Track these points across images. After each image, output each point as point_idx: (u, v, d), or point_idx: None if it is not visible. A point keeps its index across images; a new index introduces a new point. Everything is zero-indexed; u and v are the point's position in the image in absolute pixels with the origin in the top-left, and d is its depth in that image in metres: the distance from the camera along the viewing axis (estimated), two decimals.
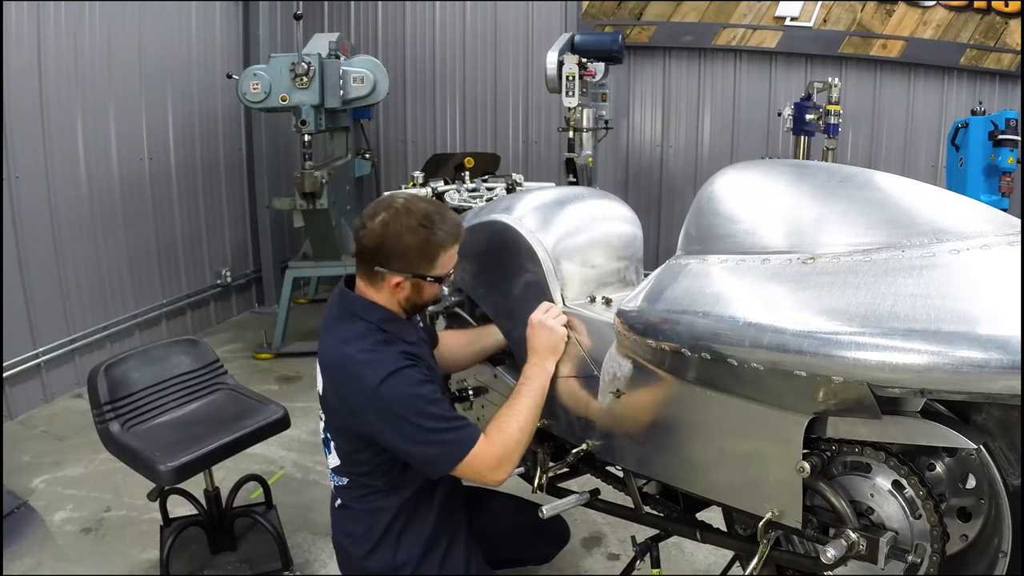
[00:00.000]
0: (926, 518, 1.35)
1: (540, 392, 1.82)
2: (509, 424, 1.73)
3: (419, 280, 1.75)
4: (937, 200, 1.36)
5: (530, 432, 1.77)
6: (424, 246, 1.70)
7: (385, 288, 1.76)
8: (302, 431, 3.51)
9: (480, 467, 1.68)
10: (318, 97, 4.35)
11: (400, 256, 1.70)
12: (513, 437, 1.72)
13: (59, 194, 3.98)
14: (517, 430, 1.73)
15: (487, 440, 1.70)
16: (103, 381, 2.31)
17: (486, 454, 1.68)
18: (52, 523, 2.82)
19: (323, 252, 4.85)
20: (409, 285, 1.75)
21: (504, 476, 1.73)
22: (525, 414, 1.76)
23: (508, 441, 1.71)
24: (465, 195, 3.09)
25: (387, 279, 1.73)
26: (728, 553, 1.96)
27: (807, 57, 5.44)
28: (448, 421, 1.68)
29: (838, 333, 1.21)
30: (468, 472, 1.70)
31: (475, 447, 1.67)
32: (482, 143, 6.13)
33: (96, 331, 4.23)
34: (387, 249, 1.70)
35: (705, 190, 1.64)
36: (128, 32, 4.44)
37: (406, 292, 1.76)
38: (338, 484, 1.88)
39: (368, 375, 1.64)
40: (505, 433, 1.72)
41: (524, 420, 1.75)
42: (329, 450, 1.86)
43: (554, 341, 1.86)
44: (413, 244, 1.69)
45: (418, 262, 1.72)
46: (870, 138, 5.46)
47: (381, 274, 1.73)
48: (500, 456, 1.70)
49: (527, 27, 5.91)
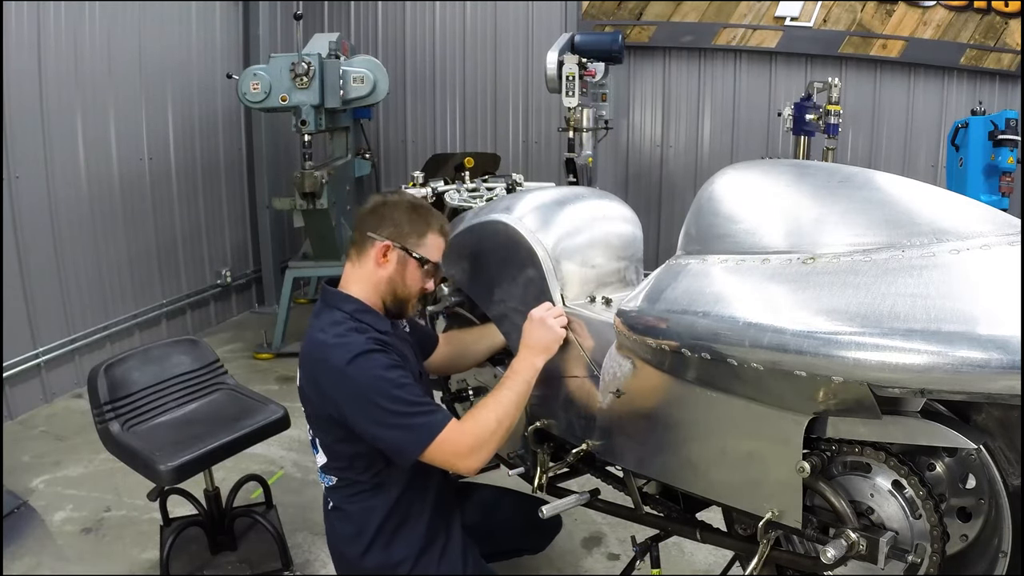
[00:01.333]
0: (926, 518, 1.35)
1: (524, 387, 1.79)
2: (485, 414, 1.70)
3: (405, 254, 1.80)
4: (937, 200, 1.36)
5: (508, 425, 1.73)
6: (416, 221, 1.82)
7: (371, 259, 1.80)
8: (302, 431, 3.46)
9: (448, 453, 1.65)
10: (318, 97, 4.35)
11: (392, 223, 1.80)
12: (487, 427, 1.68)
13: (59, 194, 3.98)
14: (494, 420, 1.69)
15: (459, 427, 1.67)
16: (103, 381, 2.32)
17: (455, 440, 1.65)
18: (52, 523, 2.82)
19: (323, 252, 4.85)
20: (395, 258, 1.80)
21: (475, 464, 1.68)
22: (504, 406, 1.73)
23: (481, 431, 1.67)
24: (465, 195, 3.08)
25: (375, 247, 1.79)
26: (728, 553, 1.96)
27: (807, 57, 5.44)
28: (415, 406, 1.66)
29: (838, 333, 1.21)
30: (437, 458, 1.66)
31: (443, 432, 1.64)
32: (482, 143, 6.13)
33: (96, 331, 4.23)
34: (381, 214, 1.82)
35: (705, 190, 1.64)
36: (128, 32, 4.44)
37: (391, 268, 1.80)
38: (328, 485, 1.89)
39: (336, 356, 1.67)
40: (479, 422, 1.69)
41: (503, 412, 1.71)
42: (316, 448, 1.88)
43: (549, 340, 1.84)
44: (405, 216, 1.82)
45: (408, 232, 1.80)
46: (870, 138, 5.46)
47: (372, 240, 1.80)
48: (470, 444, 1.66)
49: (527, 27, 5.91)
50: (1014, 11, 4.91)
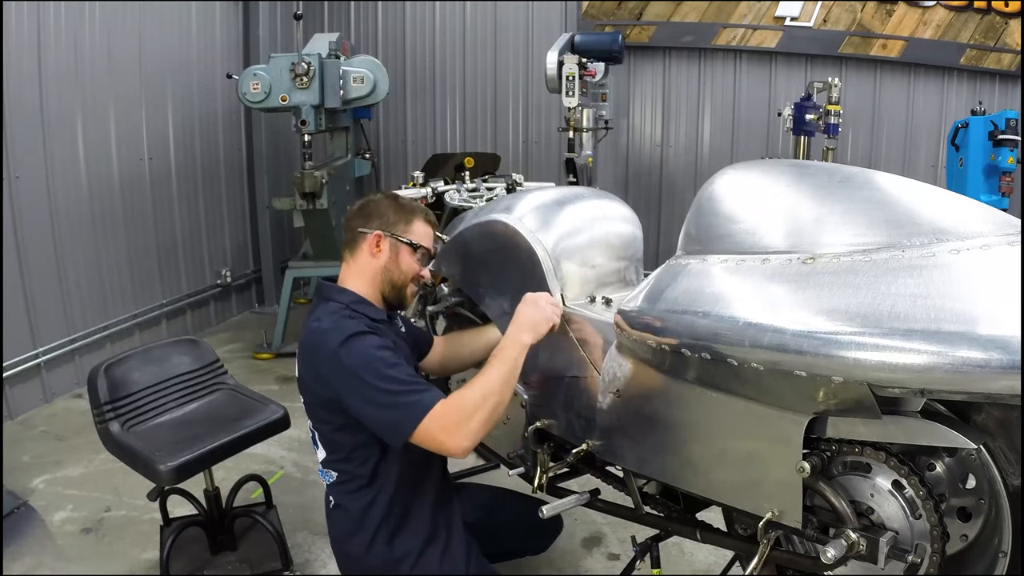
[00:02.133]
0: (926, 518, 1.35)
1: (511, 364, 1.73)
2: (471, 390, 1.66)
3: (396, 241, 1.87)
4: (937, 200, 1.36)
5: (496, 401, 1.66)
6: (399, 209, 1.91)
7: (365, 252, 1.87)
8: (302, 431, 3.47)
9: (437, 431, 1.61)
10: (318, 97, 4.35)
11: (378, 215, 1.89)
12: (473, 402, 1.63)
13: (59, 194, 3.98)
14: (479, 395, 1.64)
15: (444, 403, 1.63)
16: (103, 381, 2.32)
17: (441, 416, 1.61)
18: (52, 523, 2.82)
19: (323, 252, 4.85)
20: (387, 246, 1.87)
21: (465, 444, 1.63)
22: (490, 381, 1.68)
23: (466, 405, 1.63)
24: (465, 195, 3.09)
25: (367, 240, 1.87)
26: (728, 553, 1.96)
27: (807, 57, 5.44)
28: (407, 384, 1.65)
29: (838, 333, 1.21)
30: (427, 438, 1.63)
31: (433, 410, 1.61)
32: (482, 143, 6.13)
33: (96, 331, 4.23)
34: (367, 210, 1.91)
35: (705, 190, 1.64)
36: (128, 32, 4.44)
37: (384, 257, 1.87)
38: (328, 481, 1.89)
39: (330, 339, 1.71)
40: (464, 397, 1.65)
41: (488, 387, 1.66)
42: (316, 443, 1.89)
43: (537, 319, 1.80)
44: (389, 207, 1.91)
45: (395, 220, 1.89)
46: (870, 138, 5.46)
47: (363, 235, 1.87)
48: (456, 419, 1.62)
49: (527, 27, 5.91)
50: (1014, 11, 4.91)
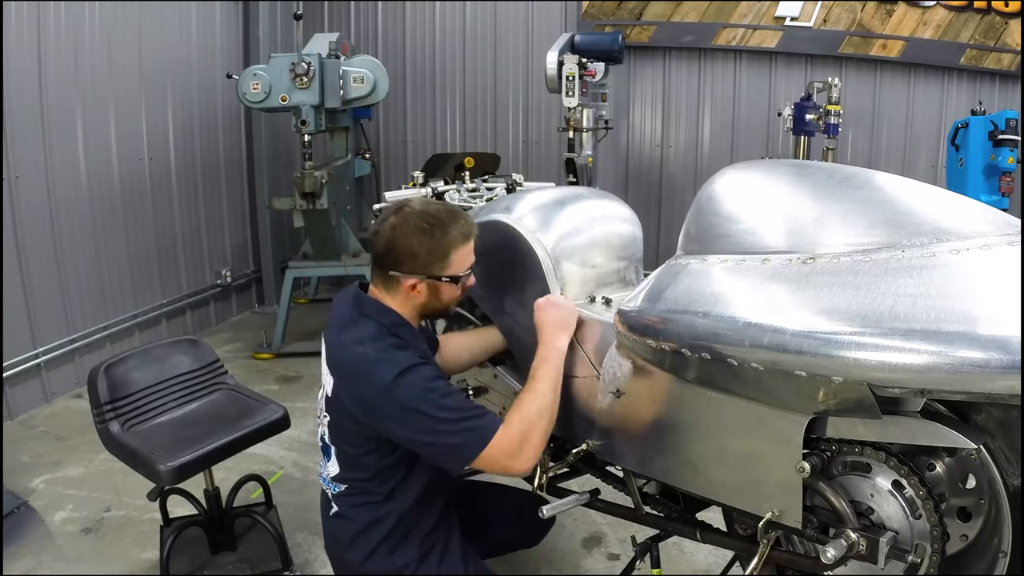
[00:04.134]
0: (926, 518, 1.35)
1: (555, 372, 1.75)
2: (526, 409, 1.67)
3: (434, 281, 1.74)
4: (937, 200, 1.36)
5: (550, 416, 1.70)
6: (433, 245, 1.71)
7: (401, 292, 1.75)
8: (302, 431, 3.51)
9: (501, 456, 1.62)
10: (318, 97, 4.35)
11: (411, 257, 1.71)
12: (530, 422, 1.65)
13: (59, 194, 3.98)
14: (535, 413, 1.67)
15: (504, 427, 1.64)
16: (103, 381, 2.31)
17: (505, 440, 1.62)
18: (52, 523, 2.82)
19: (323, 252, 4.85)
20: (425, 287, 1.74)
21: (528, 464, 1.65)
22: (542, 396, 1.70)
23: (526, 426, 1.65)
24: (465, 195, 3.09)
25: (403, 283, 1.74)
26: (728, 553, 1.96)
27: (807, 57, 5.44)
28: (465, 411, 1.64)
29: (838, 333, 1.21)
30: (489, 462, 1.63)
31: (497, 434, 1.62)
32: (482, 143, 6.13)
33: (96, 331, 4.23)
34: (397, 252, 1.71)
35: (705, 190, 1.64)
36: (128, 32, 4.44)
37: (423, 295, 1.75)
38: (335, 492, 1.85)
39: (383, 372, 1.63)
40: (523, 418, 1.66)
41: (542, 404, 1.69)
42: (328, 457, 1.84)
43: (564, 316, 1.81)
44: (422, 244, 1.70)
45: (430, 261, 1.72)
46: (870, 138, 5.46)
47: (396, 278, 1.74)
48: (520, 443, 1.63)
49: (527, 27, 5.91)
50: (1014, 11, 4.91)
